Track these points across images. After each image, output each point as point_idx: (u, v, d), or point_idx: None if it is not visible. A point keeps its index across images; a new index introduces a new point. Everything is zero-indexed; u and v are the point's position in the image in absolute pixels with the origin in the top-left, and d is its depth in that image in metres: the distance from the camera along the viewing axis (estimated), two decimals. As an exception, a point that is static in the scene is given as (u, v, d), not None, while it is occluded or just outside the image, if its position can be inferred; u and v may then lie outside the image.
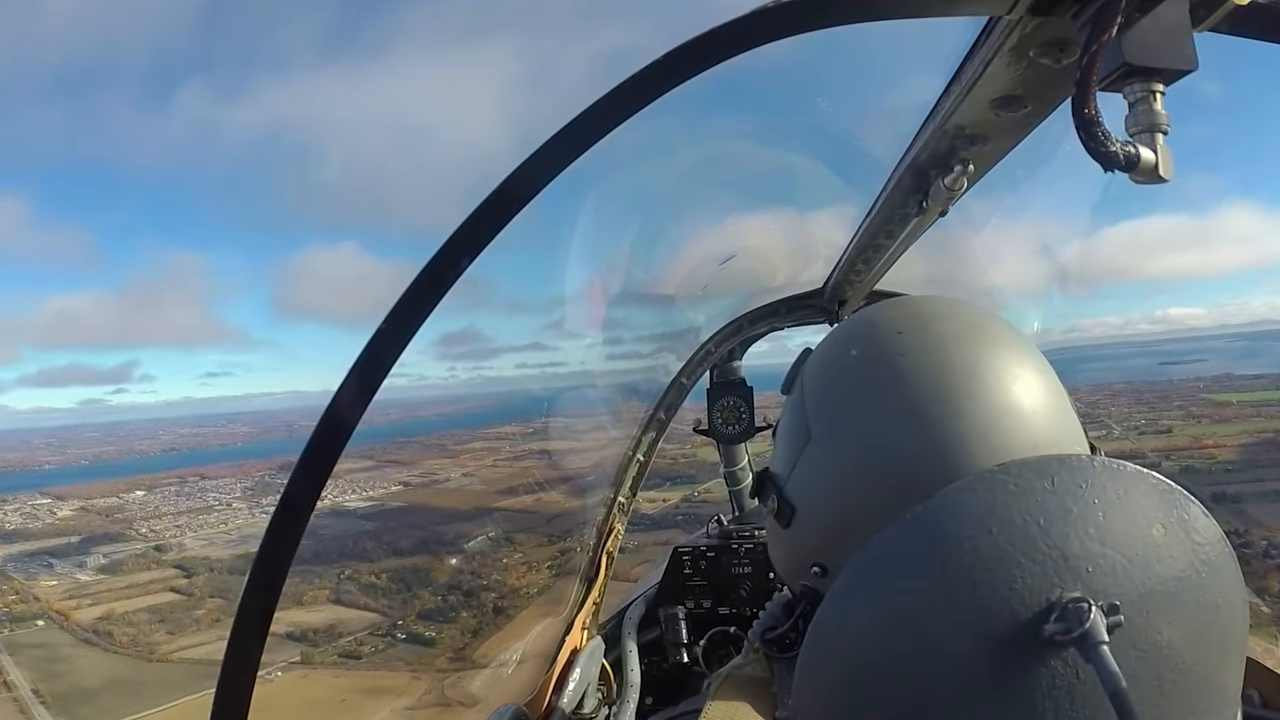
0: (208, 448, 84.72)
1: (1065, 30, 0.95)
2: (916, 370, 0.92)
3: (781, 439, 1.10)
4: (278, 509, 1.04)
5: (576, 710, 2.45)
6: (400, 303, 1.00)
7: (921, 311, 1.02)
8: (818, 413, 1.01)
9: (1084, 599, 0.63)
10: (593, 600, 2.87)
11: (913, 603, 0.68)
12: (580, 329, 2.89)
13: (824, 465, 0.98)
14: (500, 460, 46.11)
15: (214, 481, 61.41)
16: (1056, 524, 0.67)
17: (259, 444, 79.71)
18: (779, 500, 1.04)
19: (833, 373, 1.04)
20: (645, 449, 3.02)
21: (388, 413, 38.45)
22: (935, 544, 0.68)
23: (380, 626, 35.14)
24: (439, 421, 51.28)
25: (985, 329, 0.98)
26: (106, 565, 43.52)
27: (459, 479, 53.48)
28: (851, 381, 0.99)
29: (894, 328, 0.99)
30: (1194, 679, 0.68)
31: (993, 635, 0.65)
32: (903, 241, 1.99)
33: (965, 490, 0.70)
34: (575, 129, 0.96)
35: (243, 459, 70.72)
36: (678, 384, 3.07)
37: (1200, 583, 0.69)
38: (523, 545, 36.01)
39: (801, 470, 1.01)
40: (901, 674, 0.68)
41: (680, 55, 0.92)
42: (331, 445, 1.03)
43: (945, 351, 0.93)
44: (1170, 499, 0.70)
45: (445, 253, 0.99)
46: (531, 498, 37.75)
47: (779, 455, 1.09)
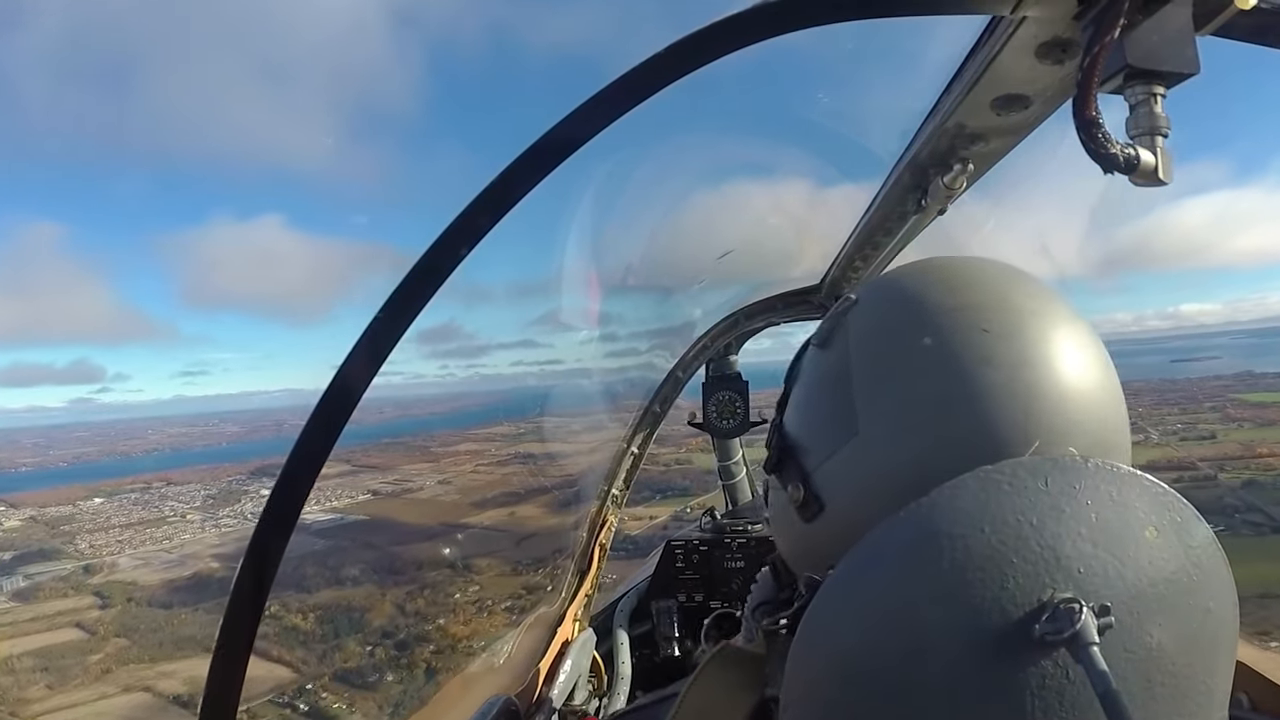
0: (192, 448, 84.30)
1: (1068, 31, 0.95)
2: (1003, 389, 0.80)
3: (812, 415, 0.96)
4: (270, 496, 1.04)
5: (567, 702, 2.46)
6: (398, 291, 1.00)
7: (1011, 302, 0.87)
8: (871, 406, 0.87)
9: (1075, 600, 0.63)
10: (585, 592, 2.88)
11: (904, 600, 0.69)
12: (575, 323, 2.89)
13: (871, 471, 0.86)
14: (483, 465, 44.44)
15: (179, 488, 60.47)
16: (1049, 524, 0.67)
17: (246, 444, 79.35)
18: (805, 491, 0.92)
19: (894, 359, 0.87)
20: (639, 442, 3.03)
21: (381, 410, 37.86)
22: (927, 541, 0.68)
23: (286, 690, 29.85)
24: (432, 420, 50.62)
25: (1075, 333, 0.86)
26: (24, 590, 41.00)
27: (434, 487, 51.34)
28: (920, 382, 0.84)
29: (979, 320, 0.84)
30: (1184, 681, 0.68)
31: (983, 634, 0.65)
32: (900, 239, 1.99)
33: (958, 488, 0.71)
34: (578, 120, 0.95)
35: (222, 461, 70.16)
36: (673, 378, 3.08)
37: (1192, 585, 0.69)
38: (482, 575, 33.34)
39: (839, 465, 0.89)
40: (891, 670, 0.68)
41: (683, 48, 0.92)
42: (325, 437, 1.03)
43: (1037, 367, 0.82)
44: (1164, 502, 0.71)
45: (445, 240, 0.98)
46: (505, 511, 35.30)
47: (807, 431, 0.95)
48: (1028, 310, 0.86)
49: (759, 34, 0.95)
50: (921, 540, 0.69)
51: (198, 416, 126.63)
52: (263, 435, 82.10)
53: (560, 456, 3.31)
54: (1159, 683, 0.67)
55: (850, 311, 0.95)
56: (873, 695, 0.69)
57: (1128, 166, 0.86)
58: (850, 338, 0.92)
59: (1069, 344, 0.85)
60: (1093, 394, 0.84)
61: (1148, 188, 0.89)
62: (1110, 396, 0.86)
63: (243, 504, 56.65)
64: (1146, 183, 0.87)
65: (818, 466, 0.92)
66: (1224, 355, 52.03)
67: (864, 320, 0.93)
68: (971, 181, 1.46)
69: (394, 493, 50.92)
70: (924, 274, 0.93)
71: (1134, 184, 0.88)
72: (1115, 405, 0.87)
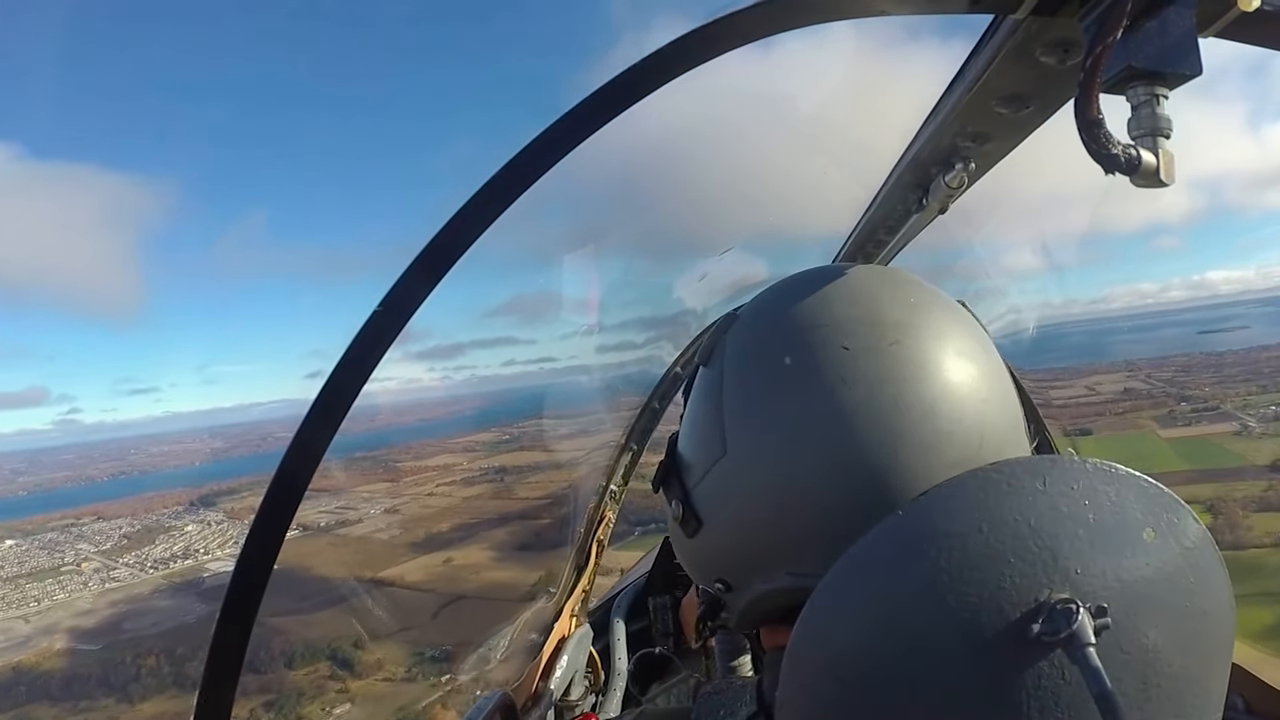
0: (163, 469, 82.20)
1: (1070, 30, 0.95)
2: (863, 407, 0.80)
3: (693, 433, 0.96)
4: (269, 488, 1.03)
5: (563, 697, 2.46)
6: (399, 285, 0.99)
7: (878, 315, 0.86)
8: (736, 426, 0.87)
9: (1072, 600, 0.64)
10: (582, 588, 2.88)
11: (901, 600, 0.69)
12: (575, 317, 2.88)
13: (737, 493, 0.88)
14: (445, 484, 39.80)
15: (100, 525, 58.15)
16: (1047, 524, 0.67)
17: (220, 463, 77.43)
18: (684, 509, 0.94)
19: (758, 380, 0.88)
20: (638, 437, 3.03)
21: (373, 419, 35.97)
22: (925, 541, 0.69)
23: None
24: (422, 428, 48.71)
25: (947, 342, 0.85)
26: None
27: (376, 518, 46.83)
28: (779, 403, 0.84)
29: (840, 337, 0.84)
30: (1180, 682, 0.68)
31: (980, 634, 0.65)
32: (901, 238, 1.99)
33: (956, 488, 0.71)
34: (581, 113, 0.95)
35: (176, 486, 68.16)
36: (672, 374, 3.08)
37: (1189, 587, 0.69)
38: (361, 680, 26.71)
39: (711, 485, 0.91)
40: (887, 670, 0.68)
41: (687, 43, 0.92)
42: (320, 437, 1.02)
43: (898, 383, 0.81)
44: (1161, 502, 0.71)
45: (449, 230, 0.97)
46: (440, 558, 30.78)
47: (689, 450, 0.96)
48: (893, 323, 0.85)
49: (764, 31, 0.95)
50: (919, 539, 0.69)
51: (186, 433, 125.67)
52: (242, 451, 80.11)
53: (556, 453, 3.30)
54: (1155, 684, 0.67)
55: (730, 329, 0.95)
56: (869, 695, 0.69)
57: (1129, 167, 0.85)
58: (725, 356, 0.93)
59: (938, 354, 0.84)
60: (965, 404, 0.82)
61: (1149, 189, 0.88)
62: (991, 401, 0.85)
63: (154, 546, 54.61)
64: (1148, 184, 0.87)
65: (696, 484, 0.93)
66: (1252, 325, 50.76)
67: (737, 338, 0.94)
68: (973, 181, 1.46)
69: (328, 526, 46.37)
70: (797, 289, 0.93)
71: (1135, 185, 0.88)
72: (999, 409, 0.86)
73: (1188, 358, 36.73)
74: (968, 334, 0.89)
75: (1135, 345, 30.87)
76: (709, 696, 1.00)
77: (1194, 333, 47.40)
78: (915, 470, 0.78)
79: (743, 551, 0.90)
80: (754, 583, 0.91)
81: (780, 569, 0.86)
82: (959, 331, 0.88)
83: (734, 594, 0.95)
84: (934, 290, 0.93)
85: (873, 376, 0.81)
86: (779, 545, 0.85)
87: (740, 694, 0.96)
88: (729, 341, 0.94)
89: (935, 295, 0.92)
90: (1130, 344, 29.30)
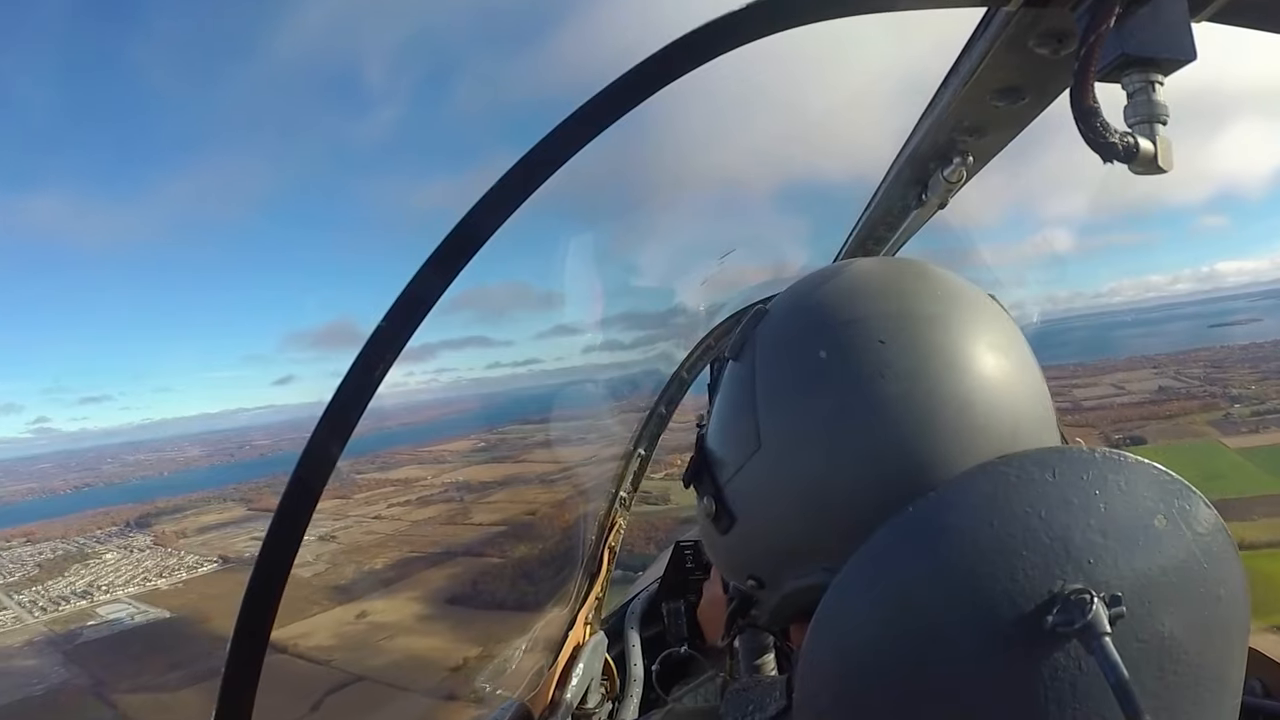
0: (129, 480, 78.99)
1: (1063, 21, 0.95)
2: (900, 401, 0.79)
3: (724, 428, 0.95)
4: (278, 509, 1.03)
5: (580, 705, 2.46)
6: (404, 295, 0.99)
7: (911, 310, 0.85)
8: (770, 420, 0.87)
9: (1086, 590, 0.63)
10: (595, 595, 2.87)
11: (915, 595, 0.69)
12: (581, 323, 2.89)
13: (772, 488, 0.87)
14: (398, 504, 35.64)
15: (25, 550, 55.17)
16: (1058, 515, 0.67)
17: (187, 472, 74.74)
18: (717, 505, 0.94)
19: (792, 373, 0.87)
20: (646, 443, 3.03)
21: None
22: (938, 536, 0.69)
23: None
24: (402, 433, 46.01)
25: (980, 335, 0.84)
26: None
27: (308, 547, 41.26)
28: (816, 397, 0.84)
29: (875, 331, 0.83)
30: (1196, 669, 0.68)
31: (994, 627, 0.65)
32: (902, 234, 1.99)
33: (967, 482, 0.71)
34: (585, 114, 0.95)
35: (136, 499, 64.66)
36: (678, 378, 3.08)
37: (1202, 573, 0.69)
38: None
39: (745, 481, 0.90)
40: (904, 664, 0.68)
41: (682, 47, 0.92)
42: (328, 449, 1.01)
43: (933, 377, 0.80)
44: (1172, 490, 0.71)
45: (460, 228, 0.98)
46: (356, 609, 26.05)
47: (719, 446, 0.96)
48: (927, 317, 0.84)
49: (758, 32, 0.95)
50: (931, 535, 0.69)
51: (166, 440, 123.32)
52: (216, 460, 77.69)
53: (564, 462, 3.30)
54: (1171, 671, 0.67)
55: (761, 323, 0.95)
56: (886, 689, 0.69)
57: (1127, 155, 0.86)
58: (757, 351, 0.92)
59: (972, 348, 0.83)
60: (999, 396, 0.82)
61: (1147, 175, 0.88)
62: (1023, 395, 0.84)
63: (61, 578, 52.15)
64: (1146, 171, 0.87)
65: (728, 480, 0.93)
66: (1264, 317, 49.46)
67: (769, 333, 0.93)
68: (971, 174, 1.46)
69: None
70: (828, 283, 0.92)
71: (1133, 172, 0.88)
72: (1031, 403, 0.85)
73: (1211, 352, 35.22)
74: (999, 327, 0.88)
75: (1146, 340, 29.91)
76: (737, 694, 0.99)
77: (1205, 326, 46.25)
78: (951, 463, 0.76)
79: (776, 547, 0.89)
80: (787, 579, 0.90)
81: (814, 564, 0.85)
82: (991, 324, 0.87)
83: (767, 590, 0.94)
84: (964, 283, 0.92)
85: (908, 370, 0.80)
86: (813, 540, 0.84)
87: (769, 690, 0.95)
88: (760, 336, 0.93)
89: (966, 288, 0.91)
90: (1140, 338, 28.46)
